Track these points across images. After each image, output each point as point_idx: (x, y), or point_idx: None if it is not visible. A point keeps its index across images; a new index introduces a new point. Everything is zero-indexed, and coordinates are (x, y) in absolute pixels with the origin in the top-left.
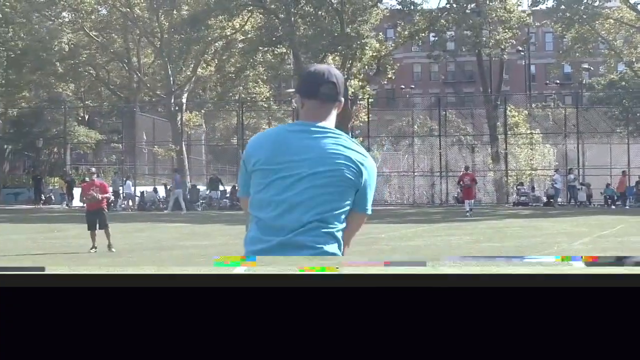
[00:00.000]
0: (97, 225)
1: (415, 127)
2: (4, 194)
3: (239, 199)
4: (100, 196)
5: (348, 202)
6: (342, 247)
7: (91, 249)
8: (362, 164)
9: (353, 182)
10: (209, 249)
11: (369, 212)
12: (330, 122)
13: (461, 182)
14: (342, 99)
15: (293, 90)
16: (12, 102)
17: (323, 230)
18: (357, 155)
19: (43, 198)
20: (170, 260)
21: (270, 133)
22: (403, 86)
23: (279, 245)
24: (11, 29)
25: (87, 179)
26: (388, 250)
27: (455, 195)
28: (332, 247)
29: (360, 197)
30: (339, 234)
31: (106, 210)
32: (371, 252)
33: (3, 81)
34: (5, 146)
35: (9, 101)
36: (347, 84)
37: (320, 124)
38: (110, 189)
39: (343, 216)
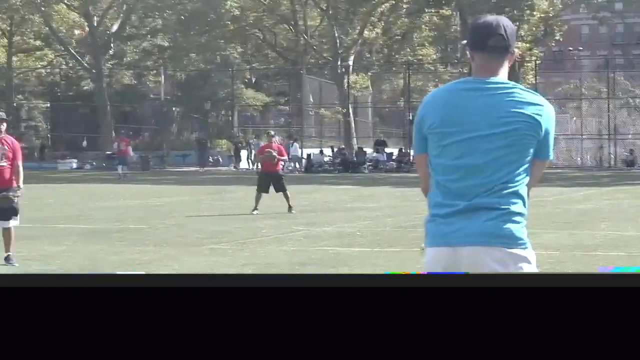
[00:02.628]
0: (273, 189)
1: (583, 89)
2: (172, 156)
3: (415, 158)
4: (276, 155)
5: (529, 157)
6: (526, 203)
7: (253, 210)
8: (539, 116)
9: (533, 136)
10: (376, 211)
11: (551, 157)
12: (502, 75)
13: None
14: (514, 50)
15: (465, 42)
16: (180, 65)
17: (507, 191)
18: (533, 108)
19: (211, 160)
20: (341, 220)
21: (443, 93)
22: (571, 48)
23: (464, 209)
24: None
25: (261, 141)
26: (557, 213)
27: (624, 159)
28: (517, 207)
29: (541, 145)
30: (523, 190)
31: (283, 174)
32: (539, 215)
33: (172, 44)
34: (174, 109)
35: (177, 64)
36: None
37: (492, 79)
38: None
39: (525, 172)
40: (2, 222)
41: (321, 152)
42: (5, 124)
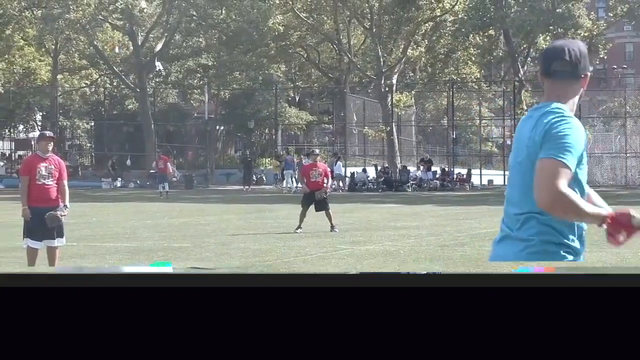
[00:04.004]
0: (315, 207)
1: (628, 107)
2: (217, 174)
3: None
4: (327, 186)
5: None
6: (559, 229)
7: (297, 229)
8: (542, 126)
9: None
10: (419, 230)
11: (555, 157)
12: (568, 100)
13: None
14: (584, 74)
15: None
16: (224, 83)
17: (537, 221)
18: (543, 125)
19: (255, 179)
20: (384, 239)
21: None
22: (615, 66)
23: (503, 238)
24: (224, 10)
25: (305, 160)
26: (600, 232)
27: None
28: (548, 237)
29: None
30: (558, 222)
31: (327, 193)
32: None
33: (215, 63)
34: (218, 127)
35: (221, 82)
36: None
37: (544, 104)
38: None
39: None
40: (47, 240)
41: (364, 170)
42: (52, 143)
